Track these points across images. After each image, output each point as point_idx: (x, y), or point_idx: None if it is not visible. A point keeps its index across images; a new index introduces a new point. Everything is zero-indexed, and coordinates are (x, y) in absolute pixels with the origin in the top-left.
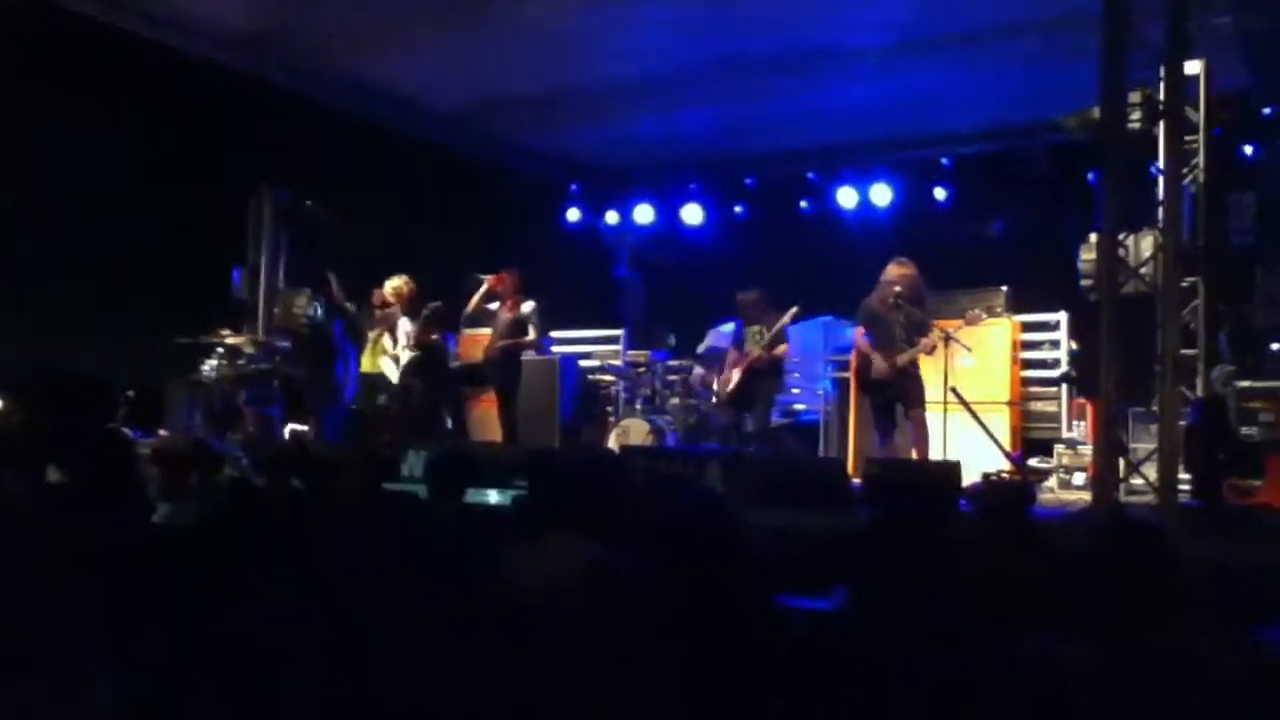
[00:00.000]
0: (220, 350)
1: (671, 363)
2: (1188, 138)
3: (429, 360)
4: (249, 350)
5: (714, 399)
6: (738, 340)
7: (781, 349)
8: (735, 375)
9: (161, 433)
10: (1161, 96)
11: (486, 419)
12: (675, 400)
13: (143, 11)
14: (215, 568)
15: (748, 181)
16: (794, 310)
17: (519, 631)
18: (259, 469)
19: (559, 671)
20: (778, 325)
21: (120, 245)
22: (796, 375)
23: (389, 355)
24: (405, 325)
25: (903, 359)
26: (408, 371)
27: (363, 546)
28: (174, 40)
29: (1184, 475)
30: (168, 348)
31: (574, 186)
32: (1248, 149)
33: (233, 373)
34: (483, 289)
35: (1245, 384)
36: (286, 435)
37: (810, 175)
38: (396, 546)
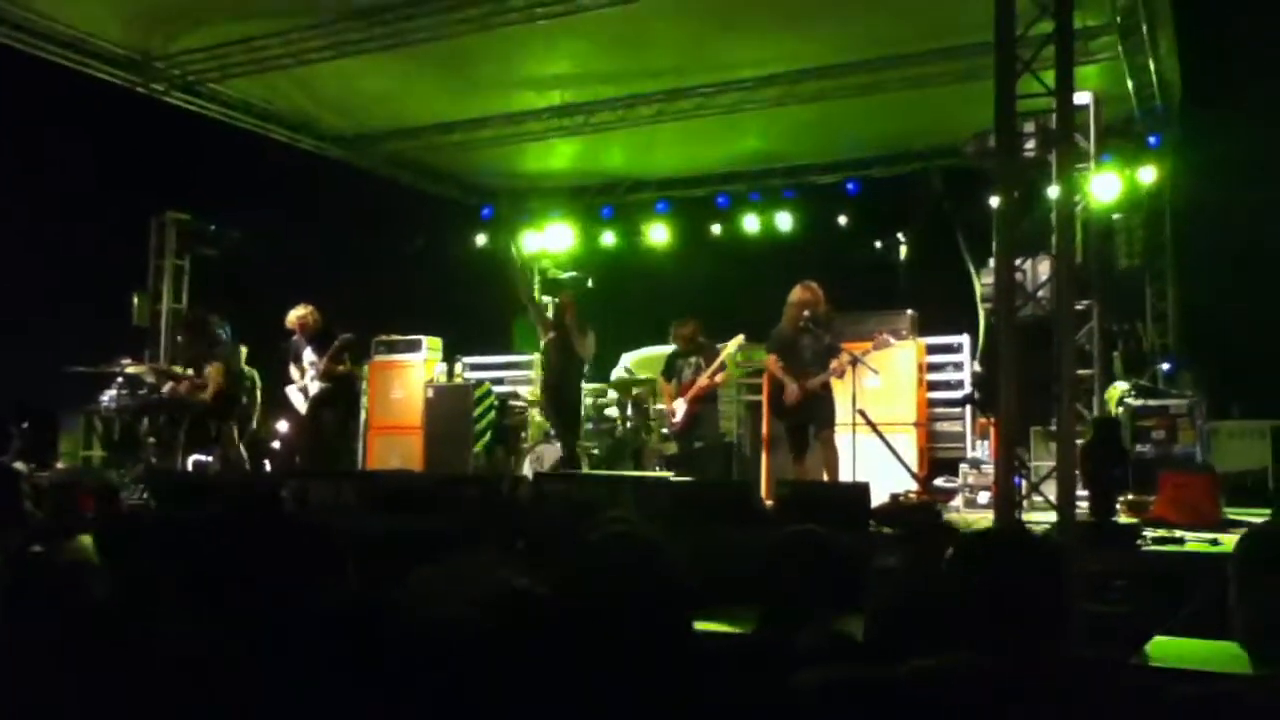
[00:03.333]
0: (120, 380)
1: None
2: (1079, 165)
3: (339, 391)
4: (149, 379)
5: (665, 430)
6: (671, 372)
7: (723, 376)
8: (681, 405)
9: (57, 465)
10: (1054, 125)
11: (389, 448)
12: (589, 425)
13: (32, 29)
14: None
15: (659, 206)
16: (739, 339)
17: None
18: (158, 500)
19: (466, 697)
20: (723, 354)
21: (11, 273)
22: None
23: (296, 386)
24: (309, 355)
25: (813, 383)
26: (317, 403)
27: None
28: (67, 59)
29: (1082, 492)
30: (63, 377)
31: (485, 211)
32: (1136, 175)
33: (133, 402)
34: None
35: (1138, 403)
36: (189, 466)
37: (720, 200)
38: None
